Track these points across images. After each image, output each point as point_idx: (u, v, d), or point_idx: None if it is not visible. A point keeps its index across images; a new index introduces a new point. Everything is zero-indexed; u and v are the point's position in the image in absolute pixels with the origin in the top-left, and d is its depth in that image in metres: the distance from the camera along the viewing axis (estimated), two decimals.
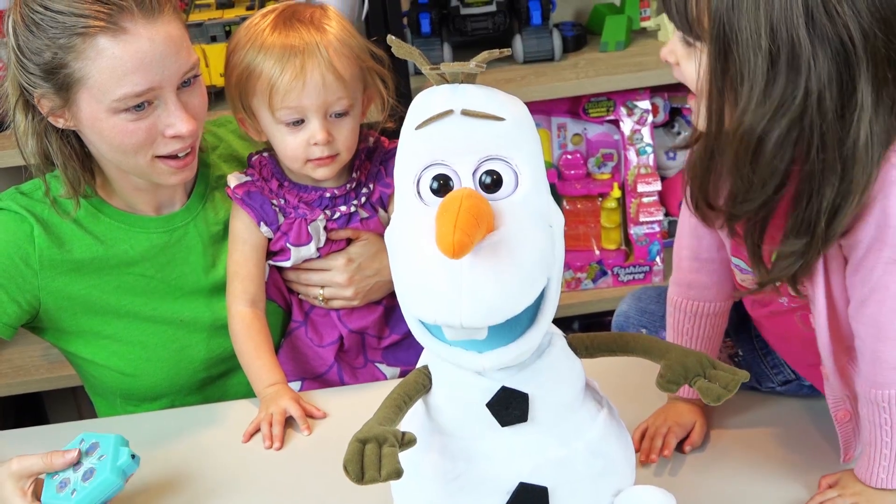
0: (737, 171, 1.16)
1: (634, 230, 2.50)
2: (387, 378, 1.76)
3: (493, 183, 1.04)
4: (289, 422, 1.56)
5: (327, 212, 1.66)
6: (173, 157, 1.56)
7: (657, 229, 2.49)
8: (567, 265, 2.47)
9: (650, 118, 2.45)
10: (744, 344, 1.56)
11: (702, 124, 1.19)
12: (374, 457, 1.02)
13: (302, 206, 1.66)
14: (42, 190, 1.61)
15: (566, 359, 1.14)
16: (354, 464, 1.02)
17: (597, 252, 2.53)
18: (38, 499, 1.36)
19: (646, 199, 2.48)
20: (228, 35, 2.20)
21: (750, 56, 1.11)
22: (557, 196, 2.49)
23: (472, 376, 1.10)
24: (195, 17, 2.29)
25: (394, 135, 1.67)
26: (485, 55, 1.05)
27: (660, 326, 1.59)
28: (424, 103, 1.06)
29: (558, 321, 1.11)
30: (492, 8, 2.44)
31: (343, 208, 1.67)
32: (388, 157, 1.70)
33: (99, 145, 1.56)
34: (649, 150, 2.45)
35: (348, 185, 1.68)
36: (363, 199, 1.68)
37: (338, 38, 1.58)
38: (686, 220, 1.42)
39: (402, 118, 1.09)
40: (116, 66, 1.46)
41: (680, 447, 1.45)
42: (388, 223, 1.66)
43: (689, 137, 1.32)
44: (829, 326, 1.29)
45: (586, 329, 2.64)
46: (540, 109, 2.45)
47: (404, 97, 2.02)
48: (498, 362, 1.05)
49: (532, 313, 1.05)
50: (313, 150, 1.59)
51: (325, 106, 1.57)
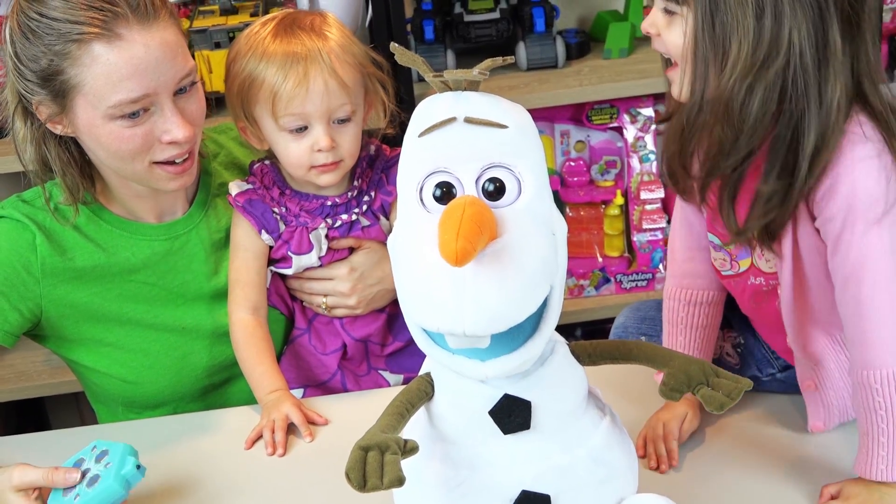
0: (726, 123, 1.23)
1: (637, 237, 2.50)
2: (390, 385, 1.76)
3: (496, 190, 1.04)
4: (290, 429, 1.56)
5: (328, 220, 1.66)
6: (171, 162, 1.56)
7: (660, 236, 2.49)
8: (570, 272, 2.47)
9: (653, 125, 2.45)
10: (745, 333, 1.58)
11: (685, 91, 1.27)
12: (376, 464, 1.02)
13: (303, 215, 1.66)
14: (44, 198, 1.61)
15: (569, 366, 1.14)
16: (357, 471, 1.02)
17: (599, 259, 2.53)
18: (43, 501, 1.37)
19: (649, 207, 2.48)
20: (232, 41, 2.20)
21: (738, 14, 1.20)
22: (560, 203, 2.49)
23: (475, 384, 1.09)
24: (199, 23, 2.29)
25: (394, 142, 1.68)
26: (488, 63, 1.05)
27: (661, 331, 1.60)
28: (427, 111, 1.06)
29: (560, 328, 1.10)
30: (495, 15, 2.45)
31: (344, 216, 1.67)
32: (389, 165, 1.70)
33: (96, 151, 1.56)
34: (652, 157, 2.45)
35: (349, 194, 1.68)
36: (364, 207, 1.68)
37: (339, 44, 1.58)
38: (679, 213, 1.50)
39: (402, 124, 1.09)
40: (111, 72, 1.46)
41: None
42: (389, 231, 1.67)
43: (666, 109, 1.39)
44: (794, 296, 1.36)
45: (589, 336, 2.64)
46: (543, 116, 2.46)
47: (407, 104, 2.03)
48: (500, 371, 1.05)
49: (535, 321, 1.04)
50: (317, 157, 1.59)
51: (329, 112, 1.57)
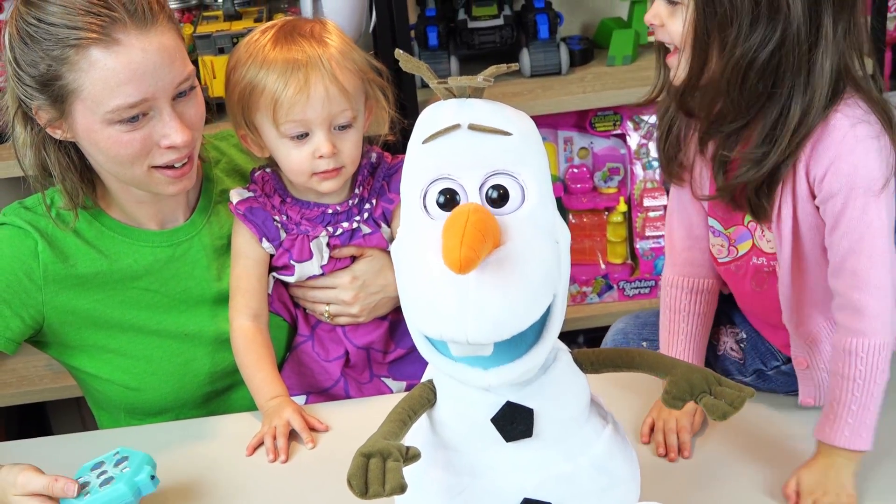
0: (727, 95, 1.33)
1: (640, 244, 2.50)
2: (393, 392, 1.75)
3: (499, 198, 1.04)
4: (292, 435, 1.56)
5: (329, 228, 1.66)
6: (170, 167, 1.56)
7: (663, 243, 2.49)
8: (572, 279, 2.47)
9: (656, 132, 2.44)
10: (748, 327, 1.59)
11: (682, 74, 1.35)
12: (378, 471, 1.02)
13: (304, 223, 1.66)
14: (45, 205, 1.61)
15: (571, 374, 1.14)
16: (358, 478, 1.02)
17: (602, 266, 2.53)
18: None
19: (652, 214, 2.48)
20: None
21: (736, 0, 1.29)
22: (563, 210, 2.49)
23: (477, 391, 1.09)
24: (203, 28, 2.29)
25: (395, 149, 1.68)
26: (492, 70, 1.05)
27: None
28: (431, 117, 1.06)
29: (563, 335, 1.10)
30: (499, 21, 2.45)
31: (345, 224, 1.67)
32: (391, 173, 1.69)
33: (96, 156, 1.56)
34: (656, 164, 2.45)
35: (350, 201, 1.67)
36: (366, 215, 1.68)
37: (339, 50, 1.59)
38: (675, 203, 1.54)
39: (403, 131, 1.09)
40: (109, 77, 1.47)
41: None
42: (390, 239, 1.67)
43: (654, 88, 1.48)
44: (792, 275, 1.41)
45: (591, 343, 2.63)
46: (547, 123, 2.45)
47: (411, 111, 2.03)
48: (503, 380, 1.05)
49: (538, 329, 1.04)
50: (319, 164, 1.59)
51: (330, 118, 1.57)
